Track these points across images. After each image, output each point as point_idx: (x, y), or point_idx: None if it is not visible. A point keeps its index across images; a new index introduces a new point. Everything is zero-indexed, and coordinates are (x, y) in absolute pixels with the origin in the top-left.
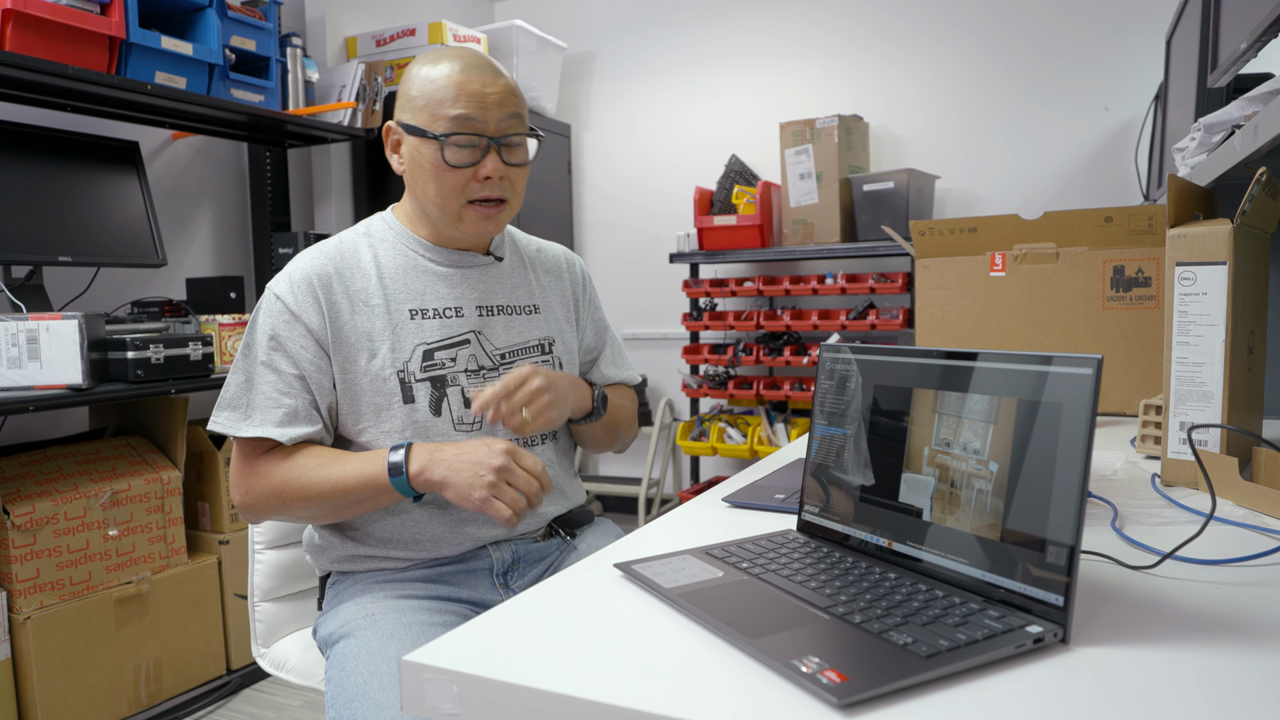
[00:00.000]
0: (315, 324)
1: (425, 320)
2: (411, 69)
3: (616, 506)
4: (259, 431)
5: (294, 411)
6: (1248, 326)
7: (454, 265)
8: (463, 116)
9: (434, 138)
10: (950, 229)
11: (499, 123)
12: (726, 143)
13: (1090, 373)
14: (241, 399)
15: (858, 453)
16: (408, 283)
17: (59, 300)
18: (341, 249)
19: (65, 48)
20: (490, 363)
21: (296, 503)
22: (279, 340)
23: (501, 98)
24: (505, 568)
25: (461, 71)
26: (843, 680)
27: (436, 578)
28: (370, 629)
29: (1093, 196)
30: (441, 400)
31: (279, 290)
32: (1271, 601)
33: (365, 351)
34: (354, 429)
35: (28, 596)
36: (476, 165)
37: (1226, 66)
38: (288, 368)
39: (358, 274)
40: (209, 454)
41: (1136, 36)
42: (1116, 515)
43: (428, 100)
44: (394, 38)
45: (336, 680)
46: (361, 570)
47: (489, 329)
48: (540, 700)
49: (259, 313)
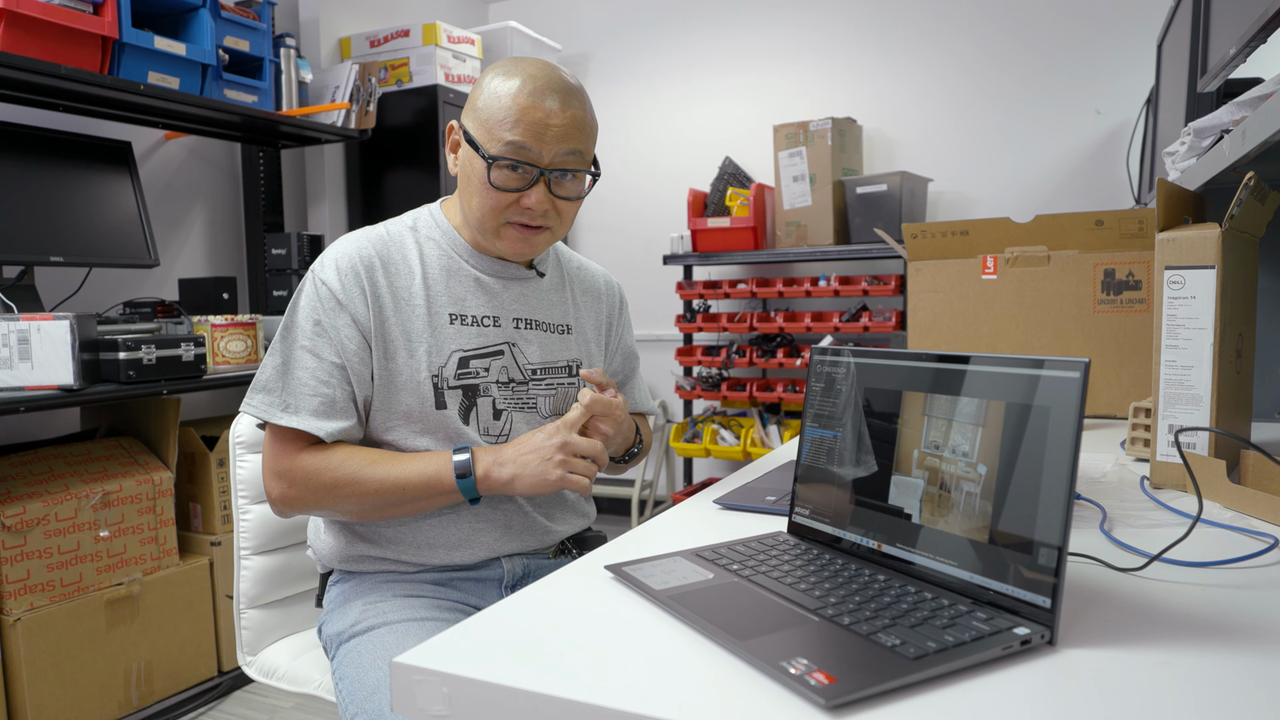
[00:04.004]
0: (361, 314)
1: (464, 327)
2: (487, 74)
3: (609, 508)
4: (295, 422)
5: (331, 402)
6: (1236, 330)
7: (496, 275)
8: (517, 144)
9: (484, 158)
10: (942, 232)
11: (555, 156)
12: (720, 145)
13: (1077, 376)
14: (277, 383)
15: (848, 455)
16: (450, 287)
17: (50, 300)
18: (388, 240)
19: (58, 47)
20: (521, 376)
21: (349, 499)
22: (323, 326)
23: (564, 131)
24: (515, 580)
25: (530, 95)
26: (831, 682)
27: (445, 582)
28: (384, 625)
29: (1084, 200)
30: (471, 409)
31: (325, 276)
32: (1258, 603)
33: (404, 350)
34: (382, 428)
35: (18, 598)
36: (522, 192)
37: (1216, 71)
38: (330, 355)
39: (403, 269)
40: (201, 455)
41: (1128, 41)
42: (1105, 517)
43: (489, 115)
44: (388, 39)
45: (352, 677)
46: (369, 571)
47: (523, 342)
48: (529, 701)
49: (301, 295)
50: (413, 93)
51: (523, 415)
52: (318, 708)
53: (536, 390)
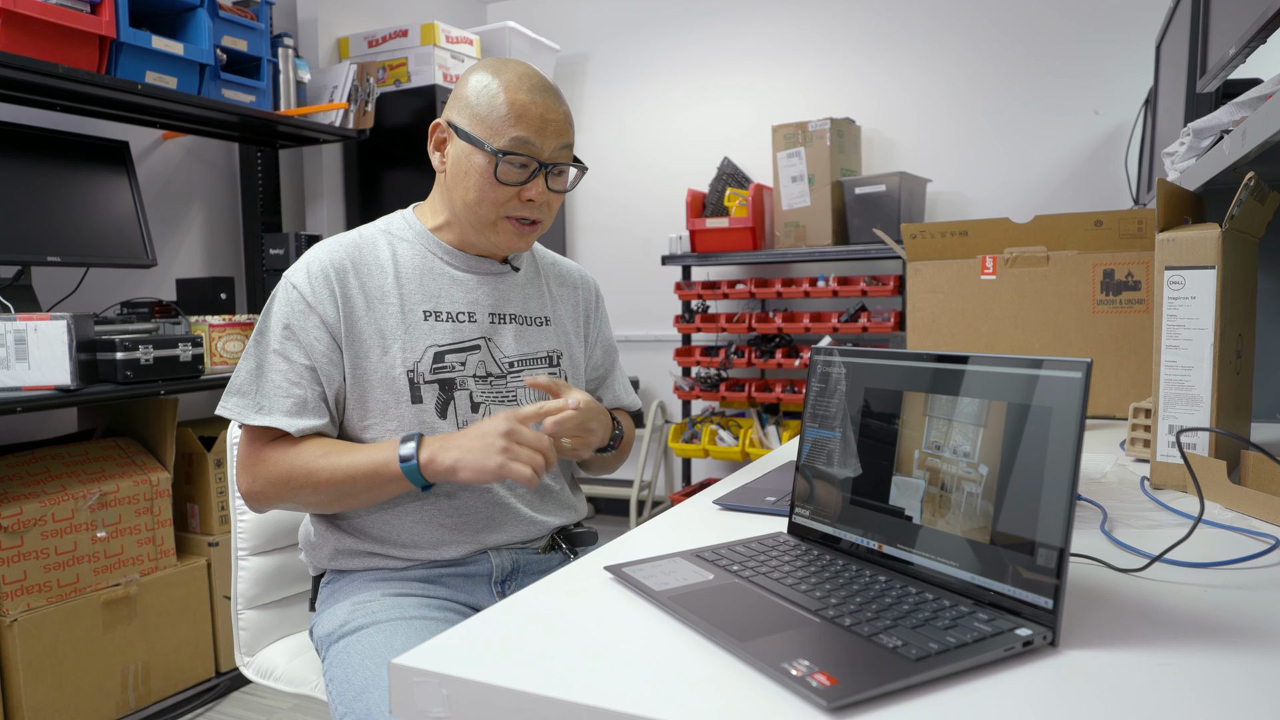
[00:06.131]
0: (330, 316)
1: (438, 323)
2: (473, 74)
3: (608, 509)
4: (268, 421)
5: (303, 402)
6: (1236, 330)
7: (470, 270)
8: (522, 139)
9: (491, 152)
10: (941, 232)
11: (553, 150)
12: (718, 145)
13: (1080, 376)
14: (251, 385)
15: (848, 456)
16: (423, 284)
17: (48, 301)
18: (360, 243)
19: (55, 47)
20: (499, 370)
21: (304, 489)
22: (293, 330)
23: (560, 127)
24: (504, 575)
25: (528, 92)
26: (832, 683)
27: (434, 579)
28: (373, 625)
29: (1083, 200)
30: (449, 403)
31: (296, 280)
32: (1259, 604)
33: (377, 348)
34: (360, 425)
35: (15, 599)
36: (523, 186)
37: (1215, 72)
38: (300, 358)
39: (375, 270)
40: (198, 455)
41: (1126, 41)
42: (1106, 518)
43: (488, 111)
44: (386, 39)
45: (341, 677)
46: (357, 569)
47: (499, 336)
48: (529, 703)
49: (274, 300)
50: (411, 93)
51: (502, 409)
52: (315, 709)
53: (515, 383)
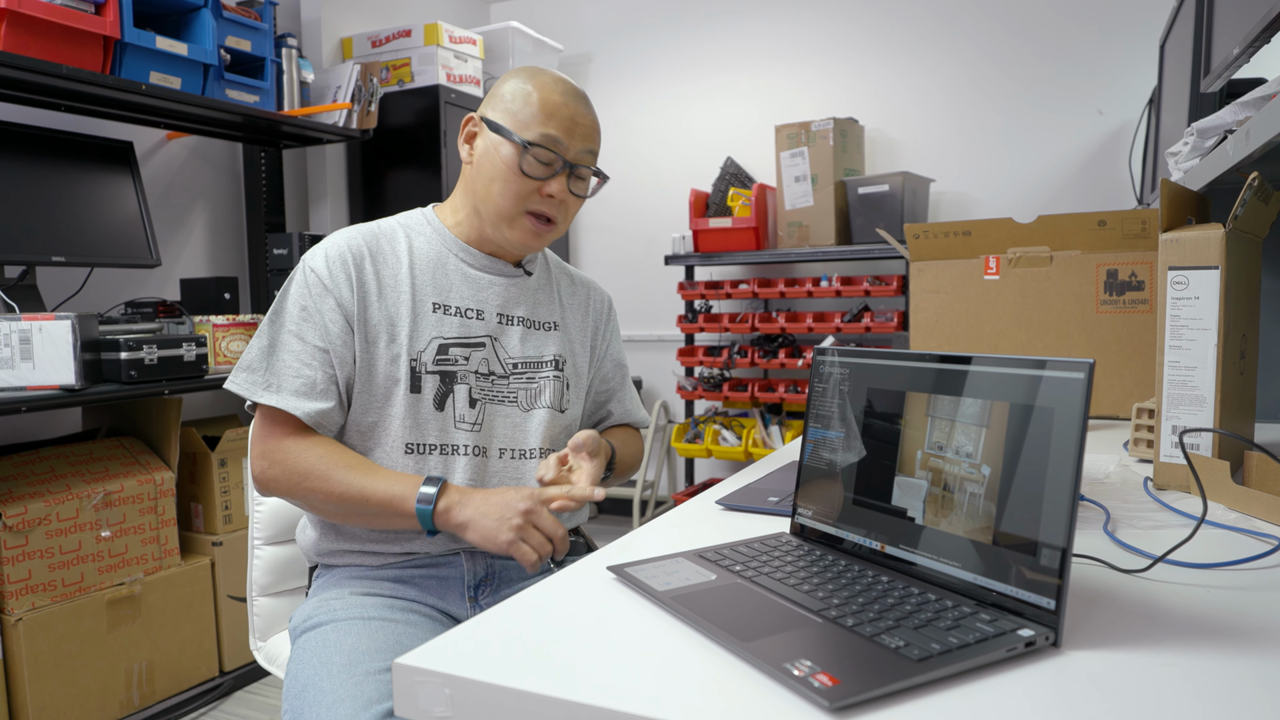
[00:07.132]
0: (345, 299)
1: (447, 316)
2: (511, 76)
3: (610, 509)
4: (276, 400)
5: (312, 384)
6: (1239, 331)
7: (483, 269)
8: (551, 136)
9: (519, 143)
10: (945, 232)
11: (579, 152)
12: (722, 145)
13: (1082, 376)
14: (261, 363)
15: (851, 456)
16: (436, 278)
17: (52, 300)
18: (379, 233)
19: (60, 47)
20: (502, 370)
21: (317, 492)
22: (309, 311)
23: (588, 131)
24: (477, 580)
25: (561, 95)
26: (835, 684)
27: (407, 579)
28: (330, 622)
29: (1086, 200)
30: (447, 396)
31: (314, 263)
32: (1263, 605)
33: (385, 334)
34: (363, 409)
35: (19, 598)
36: (545, 181)
37: (1219, 71)
38: (315, 339)
39: (390, 259)
40: (202, 455)
41: (1130, 41)
42: (1108, 519)
43: (520, 107)
44: (390, 39)
45: (293, 673)
46: (340, 565)
47: (505, 337)
48: (532, 703)
49: (291, 283)
50: (414, 93)
51: (499, 408)
52: None
53: (517, 384)
